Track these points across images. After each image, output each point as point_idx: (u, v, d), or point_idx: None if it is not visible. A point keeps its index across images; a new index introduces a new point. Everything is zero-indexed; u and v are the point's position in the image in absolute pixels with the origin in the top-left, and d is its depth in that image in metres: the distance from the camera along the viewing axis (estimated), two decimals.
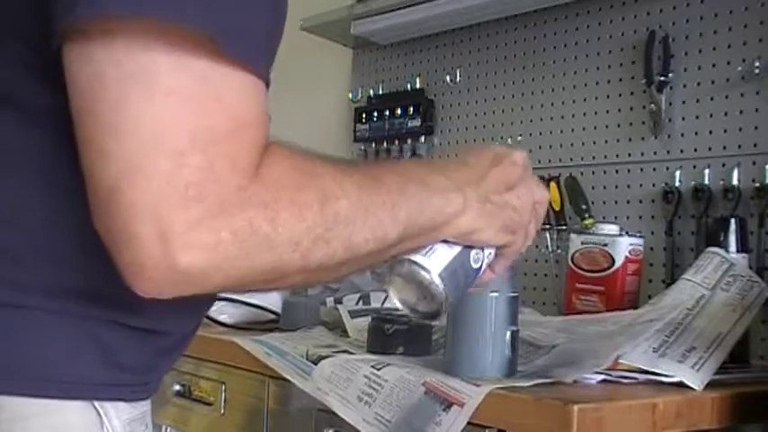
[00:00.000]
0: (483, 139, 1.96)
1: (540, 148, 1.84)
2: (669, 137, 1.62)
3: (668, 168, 1.62)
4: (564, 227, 1.74)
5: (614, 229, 1.46)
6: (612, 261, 1.43)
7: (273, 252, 0.61)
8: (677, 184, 1.59)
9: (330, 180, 0.65)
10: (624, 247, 1.43)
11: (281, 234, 0.60)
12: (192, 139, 0.57)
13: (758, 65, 1.49)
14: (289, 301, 1.57)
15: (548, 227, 1.76)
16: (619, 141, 1.70)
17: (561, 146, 1.80)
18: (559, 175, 1.76)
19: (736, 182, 1.50)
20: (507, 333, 1.02)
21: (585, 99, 1.76)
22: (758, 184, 1.47)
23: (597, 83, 1.75)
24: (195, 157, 0.57)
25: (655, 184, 1.64)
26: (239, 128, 0.60)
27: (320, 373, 1.14)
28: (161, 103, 0.57)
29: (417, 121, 2.06)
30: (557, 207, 1.75)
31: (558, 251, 1.74)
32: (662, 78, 1.61)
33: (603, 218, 1.68)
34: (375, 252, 0.69)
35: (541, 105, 1.85)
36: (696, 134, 1.59)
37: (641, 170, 1.66)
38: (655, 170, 1.64)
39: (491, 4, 1.82)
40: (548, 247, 1.76)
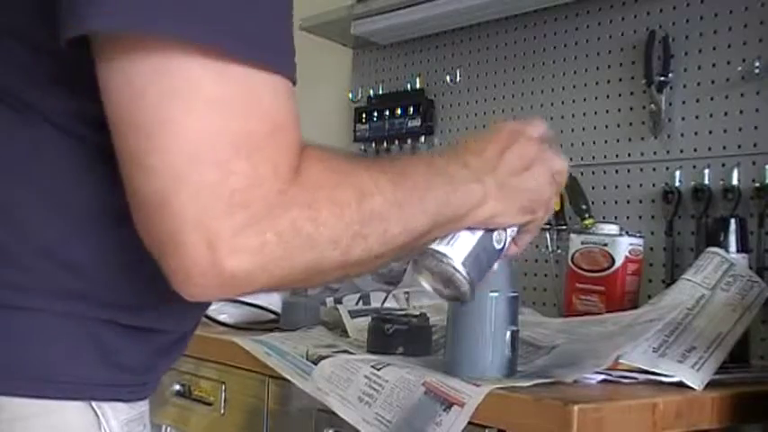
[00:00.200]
0: None
1: None
2: (669, 137, 1.62)
3: (668, 168, 1.62)
4: (564, 227, 1.74)
5: (614, 229, 1.46)
6: (612, 261, 1.43)
7: (315, 251, 0.63)
8: (677, 184, 1.59)
9: (365, 178, 0.67)
10: (624, 247, 1.43)
11: (322, 233, 0.62)
12: (235, 148, 0.59)
13: (758, 65, 1.49)
14: (289, 301, 1.57)
15: (548, 227, 1.76)
16: (619, 141, 1.70)
17: (561, 146, 1.80)
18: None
19: (735, 182, 1.50)
20: (507, 333, 1.02)
21: (585, 99, 1.77)
22: (758, 184, 1.47)
23: (597, 83, 1.75)
24: (239, 164, 0.59)
25: (655, 184, 1.64)
26: (277, 131, 0.61)
27: (320, 373, 1.14)
28: (202, 115, 0.58)
29: (417, 121, 2.06)
30: (557, 207, 1.74)
31: (558, 251, 1.74)
32: (662, 78, 1.61)
33: (603, 218, 1.68)
34: (407, 244, 0.71)
35: (541, 105, 1.85)
36: (696, 134, 1.59)
37: (641, 170, 1.66)
38: (655, 170, 1.64)
39: (491, 4, 1.82)
40: (548, 247, 1.76)
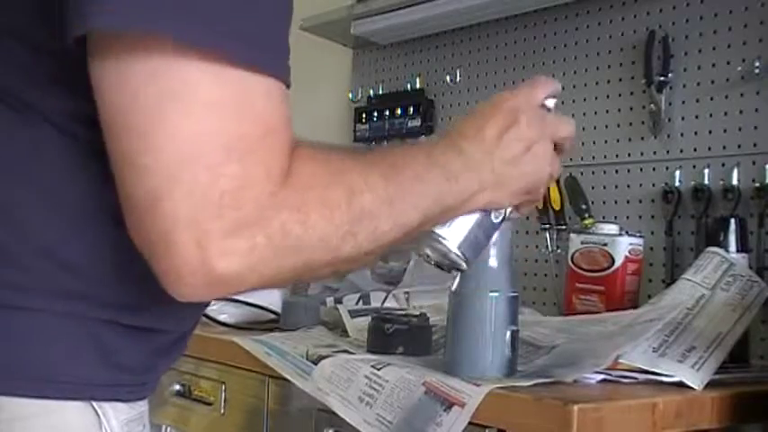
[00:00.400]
0: None
1: None
2: (669, 137, 1.62)
3: (668, 168, 1.62)
4: (564, 227, 1.74)
5: (614, 228, 1.46)
6: (612, 261, 1.43)
7: (305, 252, 0.63)
8: (677, 184, 1.59)
9: (356, 175, 0.67)
10: (624, 247, 1.43)
11: (311, 235, 0.63)
12: (228, 150, 0.59)
13: (758, 65, 1.49)
14: (289, 301, 1.57)
15: (547, 227, 1.76)
16: (619, 141, 1.70)
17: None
18: (559, 175, 1.76)
19: (735, 182, 1.50)
20: (507, 333, 1.02)
21: (585, 99, 1.77)
22: (758, 184, 1.47)
23: (597, 83, 1.75)
24: (231, 166, 0.59)
25: (654, 184, 1.64)
26: (269, 134, 0.61)
27: (320, 373, 1.14)
28: (195, 117, 0.59)
29: (417, 121, 2.06)
30: (557, 207, 1.75)
31: (558, 251, 1.74)
32: (662, 78, 1.61)
33: (603, 218, 1.68)
34: (398, 238, 0.72)
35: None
36: (696, 134, 1.59)
37: (641, 170, 1.66)
38: (654, 170, 1.64)
39: (491, 4, 1.82)
40: (548, 247, 1.76)
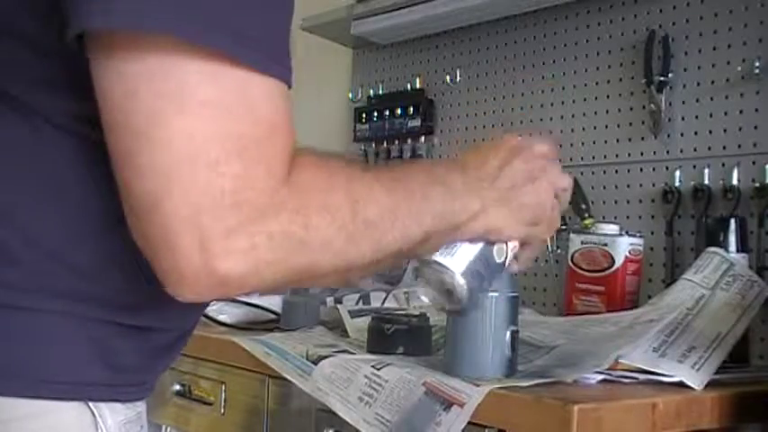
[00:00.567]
0: (483, 139, 1.96)
1: None
2: (669, 137, 1.62)
3: (668, 168, 1.62)
4: (564, 227, 1.73)
5: (614, 228, 1.46)
6: (612, 261, 1.43)
7: (306, 254, 0.63)
8: (677, 184, 1.59)
9: (359, 184, 0.68)
10: (624, 247, 1.43)
11: (313, 237, 0.63)
12: (227, 149, 0.59)
13: (758, 65, 1.49)
14: (289, 301, 1.57)
15: None
16: (619, 141, 1.70)
17: (561, 146, 1.80)
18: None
19: (735, 182, 1.50)
20: (507, 333, 1.02)
21: (585, 99, 1.76)
22: (758, 184, 1.47)
23: (597, 83, 1.75)
24: (231, 165, 0.59)
25: (654, 184, 1.64)
26: (270, 133, 0.61)
27: (320, 373, 1.14)
28: (194, 116, 0.58)
29: (417, 121, 2.06)
30: None
31: (558, 251, 1.74)
32: (662, 78, 1.61)
33: (603, 218, 1.68)
34: (402, 252, 0.71)
35: (541, 105, 1.85)
36: (696, 134, 1.59)
37: (641, 170, 1.66)
38: (654, 170, 1.64)
39: (491, 4, 1.82)
40: (548, 247, 1.76)
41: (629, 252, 1.43)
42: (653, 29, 1.64)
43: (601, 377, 1.05)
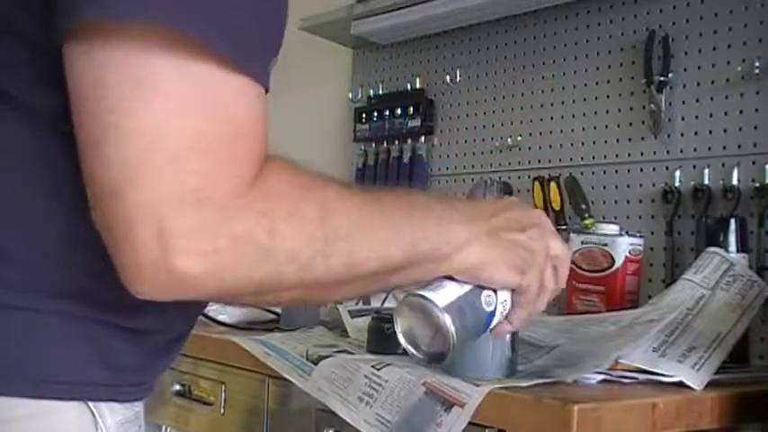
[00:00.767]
0: (483, 140, 1.96)
1: (540, 148, 1.84)
2: (669, 137, 1.62)
3: (668, 168, 1.62)
4: (564, 227, 1.73)
5: (614, 228, 1.46)
6: (612, 261, 1.43)
7: (270, 263, 0.61)
8: (677, 184, 1.59)
9: (333, 195, 0.65)
10: (624, 247, 1.43)
11: (278, 245, 0.61)
12: (193, 146, 0.58)
13: (758, 65, 1.49)
14: None
15: None
16: (619, 141, 1.70)
17: (561, 146, 1.80)
18: (559, 176, 1.76)
19: (735, 182, 1.50)
20: (507, 333, 1.02)
21: (585, 99, 1.77)
22: (758, 184, 1.47)
23: (597, 83, 1.75)
24: (195, 162, 0.58)
25: (655, 184, 1.64)
26: (239, 134, 0.60)
27: (320, 373, 1.14)
28: (162, 109, 0.57)
29: (417, 121, 2.06)
30: (557, 207, 1.75)
31: None
32: (662, 78, 1.61)
33: (603, 218, 1.68)
34: (377, 274, 0.68)
35: (541, 105, 1.85)
36: (696, 134, 1.59)
37: (641, 170, 1.66)
38: (654, 170, 1.64)
39: (491, 4, 1.82)
40: None
41: (629, 252, 1.43)
42: (653, 29, 1.64)
43: (601, 377, 1.05)
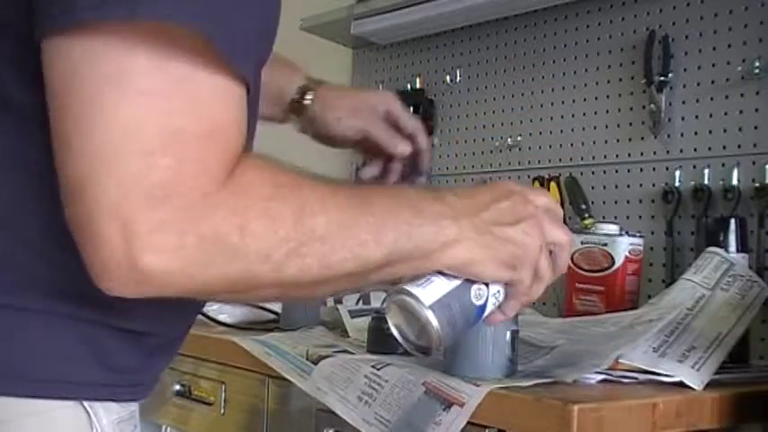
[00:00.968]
0: (483, 139, 1.96)
1: (540, 148, 1.84)
2: (669, 137, 1.62)
3: (668, 168, 1.62)
4: None
5: (614, 228, 1.46)
6: (612, 261, 1.43)
7: (241, 262, 0.60)
8: (677, 184, 1.59)
9: (310, 194, 0.64)
10: (624, 247, 1.43)
11: (249, 244, 0.60)
12: (163, 140, 0.57)
13: (758, 65, 1.49)
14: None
15: None
16: (619, 141, 1.71)
17: (561, 146, 1.80)
18: (559, 175, 1.76)
19: (735, 182, 1.50)
20: (507, 333, 1.02)
21: (585, 99, 1.77)
22: (758, 184, 1.47)
23: (597, 83, 1.75)
24: (164, 158, 0.57)
25: (655, 184, 1.64)
26: (213, 132, 0.59)
27: (320, 372, 1.14)
28: (134, 103, 0.57)
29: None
30: None
31: None
32: (662, 78, 1.61)
33: (603, 218, 1.68)
34: (356, 274, 0.67)
35: (541, 105, 1.85)
36: (696, 134, 1.59)
37: (641, 170, 1.66)
38: (654, 170, 1.64)
39: (491, 4, 1.82)
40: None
41: (629, 252, 1.43)
42: (653, 29, 1.64)
43: (601, 377, 1.04)
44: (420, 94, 2.09)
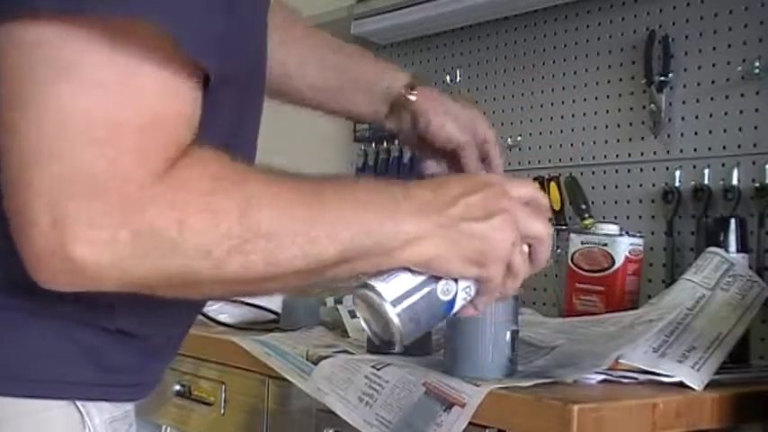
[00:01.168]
0: None
1: (540, 148, 1.84)
2: (669, 137, 1.62)
3: (668, 168, 1.62)
4: (564, 227, 1.74)
5: (614, 229, 1.46)
6: (612, 261, 1.43)
7: (179, 257, 0.59)
8: (677, 184, 1.59)
9: (256, 189, 0.62)
10: (624, 247, 1.43)
11: (188, 240, 0.58)
12: (101, 130, 0.56)
13: (758, 65, 1.49)
14: (289, 301, 1.57)
15: None
16: (619, 141, 1.70)
17: (561, 146, 1.80)
18: (559, 175, 1.76)
19: (735, 182, 1.50)
20: (507, 333, 1.02)
21: (585, 99, 1.77)
22: (758, 184, 1.47)
23: (597, 83, 1.75)
24: (101, 148, 0.56)
25: (655, 184, 1.64)
26: (154, 125, 0.58)
27: (320, 373, 1.14)
28: (75, 91, 0.56)
29: None
30: (557, 207, 1.75)
31: (558, 251, 1.74)
32: (662, 78, 1.61)
33: (603, 218, 1.68)
34: (307, 271, 0.65)
35: (541, 105, 1.85)
36: (696, 134, 1.59)
37: (641, 170, 1.66)
38: (655, 170, 1.64)
39: (491, 4, 1.82)
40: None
41: (629, 252, 1.43)
42: (653, 29, 1.64)
43: (601, 377, 1.05)
44: None
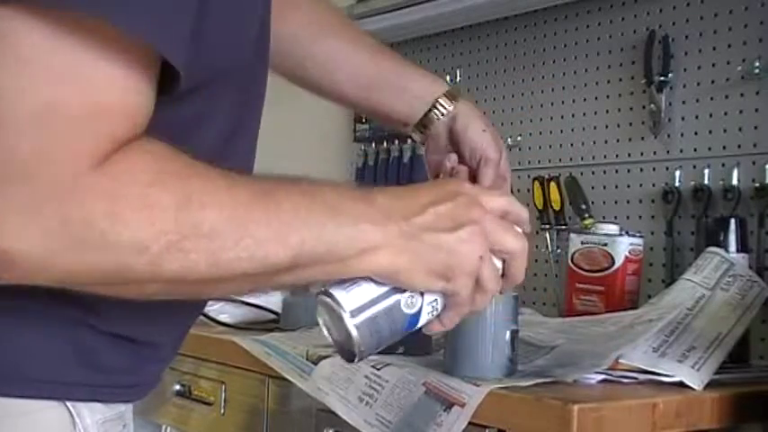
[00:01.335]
0: None
1: (540, 148, 1.84)
2: (669, 137, 1.62)
3: (668, 168, 1.62)
4: (564, 227, 1.74)
5: (614, 228, 1.47)
6: (612, 261, 1.43)
7: (111, 252, 0.56)
8: (677, 184, 1.59)
9: (201, 186, 0.59)
10: (624, 247, 1.43)
11: (121, 233, 0.55)
12: (36, 114, 0.54)
13: (758, 65, 1.49)
14: (289, 301, 1.57)
15: (547, 227, 1.76)
16: (619, 141, 1.70)
17: (561, 146, 1.80)
18: (559, 175, 1.76)
19: (735, 182, 1.50)
20: (507, 333, 1.02)
21: (585, 99, 1.76)
22: (758, 184, 1.47)
23: (597, 83, 1.75)
24: (34, 131, 0.54)
25: (655, 184, 1.64)
26: (95, 112, 0.56)
27: (320, 373, 1.14)
28: (12, 72, 0.54)
29: None
30: (557, 207, 1.75)
31: (558, 251, 1.74)
32: (662, 78, 1.61)
33: (603, 218, 1.68)
34: (256, 275, 0.62)
35: (541, 105, 1.85)
36: (696, 134, 1.59)
37: (641, 170, 1.66)
38: (655, 170, 1.64)
39: (491, 4, 1.82)
40: (548, 247, 1.76)
41: (629, 252, 1.43)
42: (653, 29, 1.64)
43: (601, 377, 1.05)
44: None
